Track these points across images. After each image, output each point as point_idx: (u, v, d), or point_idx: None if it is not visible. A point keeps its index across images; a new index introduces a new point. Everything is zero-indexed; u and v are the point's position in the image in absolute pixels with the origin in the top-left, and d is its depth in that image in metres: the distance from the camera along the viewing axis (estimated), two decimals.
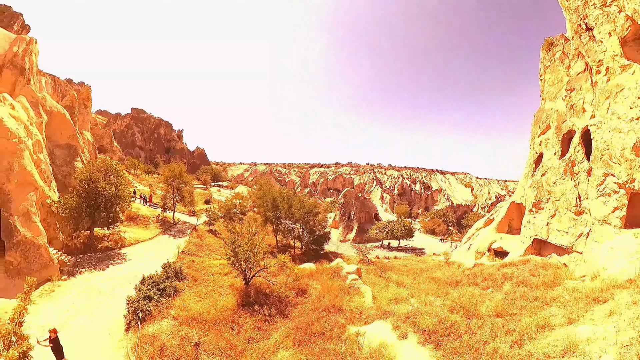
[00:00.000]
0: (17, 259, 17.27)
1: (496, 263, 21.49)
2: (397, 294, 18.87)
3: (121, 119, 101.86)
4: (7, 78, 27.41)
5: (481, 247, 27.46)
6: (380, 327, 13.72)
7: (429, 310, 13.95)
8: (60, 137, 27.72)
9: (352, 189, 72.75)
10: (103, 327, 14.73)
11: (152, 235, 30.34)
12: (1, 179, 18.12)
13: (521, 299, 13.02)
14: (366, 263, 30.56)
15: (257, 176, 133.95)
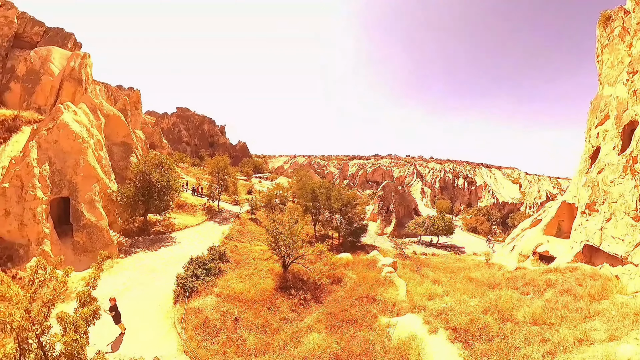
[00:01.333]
0: (83, 239, 20.13)
1: (540, 268, 20.30)
2: (432, 291, 18.76)
3: (168, 118, 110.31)
4: (68, 89, 31.93)
5: (525, 249, 25.71)
6: (411, 320, 13.82)
7: (463, 309, 13.75)
8: (116, 136, 30.93)
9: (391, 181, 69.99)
10: (154, 299, 16.55)
11: (198, 222, 32.59)
12: (70, 173, 21.07)
13: (562, 308, 12.42)
14: (403, 258, 30.29)
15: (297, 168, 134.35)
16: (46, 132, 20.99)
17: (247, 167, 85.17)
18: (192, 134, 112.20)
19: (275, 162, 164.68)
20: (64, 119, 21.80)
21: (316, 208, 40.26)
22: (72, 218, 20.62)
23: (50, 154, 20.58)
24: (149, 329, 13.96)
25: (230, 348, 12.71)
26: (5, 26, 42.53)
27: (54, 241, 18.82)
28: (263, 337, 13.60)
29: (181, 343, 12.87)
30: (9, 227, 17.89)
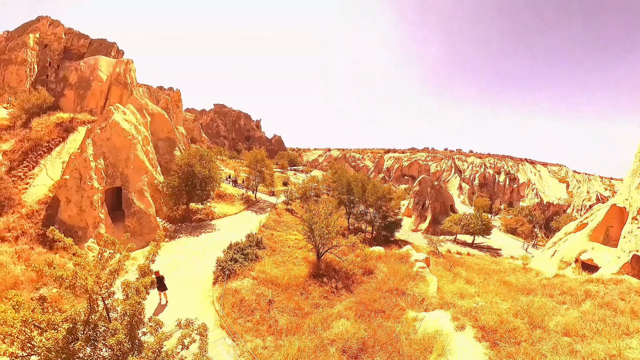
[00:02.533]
0: (133, 224, 22.50)
1: (581, 277, 19.33)
2: (463, 290, 18.62)
3: (206, 114, 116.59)
4: (116, 92, 35.61)
5: (567, 256, 24.28)
6: (439, 316, 13.91)
7: (493, 310, 13.62)
8: (161, 132, 33.52)
9: (427, 176, 66.97)
10: (195, 279, 18.08)
11: (237, 211, 34.29)
12: (122, 166, 23.52)
13: (599, 321, 11.96)
14: (436, 255, 29.96)
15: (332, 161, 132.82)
16: (100, 130, 23.47)
17: (282, 160, 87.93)
18: (229, 128, 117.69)
19: (310, 155, 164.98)
20: (115, 119, 24.26)
21: (350, 201, 40.26)
22: (124, 205, 23.10)
23: (104, 149, 23.05)
24: (190, 305, 15.36)
25: (263, 326, 13.83)
26: (55, 42, 50.08)
27: (108, 225, 21.28)
28: (294, 319, 14.55)
29: (218, 319, 14.18)
30: (70, 212, 20.41)
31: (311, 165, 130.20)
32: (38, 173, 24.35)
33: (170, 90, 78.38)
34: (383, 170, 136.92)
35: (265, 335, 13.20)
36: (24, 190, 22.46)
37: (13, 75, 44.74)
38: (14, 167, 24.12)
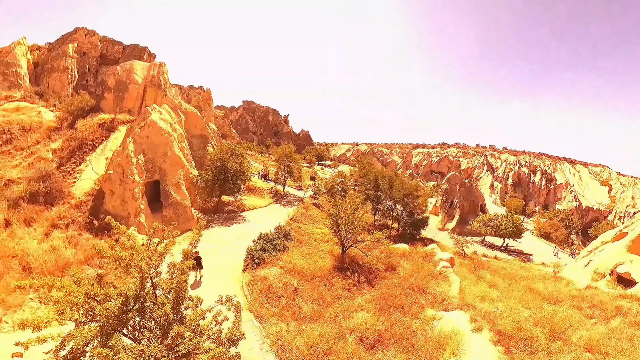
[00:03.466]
0: (170, 214, 24.26)
1: (615, 292, 18.40)
2: (486, 293, 18.44)
3: (235, 111, 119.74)
4: (151, 93, 38.33)
5: (602, 267, 22.70)
6: (457, 316, 14.01)
7: (512, 316, 13.47)
8: (194, 129, 35.45)
9: (457, 173, 63.79)
10: (226, 266, 19.32)
11: (266, 204, 35.51)
12: (159, 161, 25.33)
13: (626, 340, 11.53)
14: (462, 256, 29.50)
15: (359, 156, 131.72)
16: (139, 129, 25.43)
17: (310, 155, 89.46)
18: (257, 124, 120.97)
19: (338, 150, 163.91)
20: (153, 118, 26.11)
21: (377, 197, 40.00)
22: (162, 197, 25.00)
23: (143, 146, 24.94)
24: (220, 289, 16.35)
25: (288, 312, 14.71)
26: (92, 50, 56.46)
27: (147, 215, 23.16)
28: (317, 308, 15.32)
29: (247, 303, 15.24)
30: (114, 203, 22.53)
31: (339, 160, 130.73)
32: (84, 168, 26.90)
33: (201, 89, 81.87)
34: (411, 166, 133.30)
35: (289, 321, 14.07)
36: (73, 184, 25.00)
37: (56, 81, 50.65)
38: (63, 164, 26.89)
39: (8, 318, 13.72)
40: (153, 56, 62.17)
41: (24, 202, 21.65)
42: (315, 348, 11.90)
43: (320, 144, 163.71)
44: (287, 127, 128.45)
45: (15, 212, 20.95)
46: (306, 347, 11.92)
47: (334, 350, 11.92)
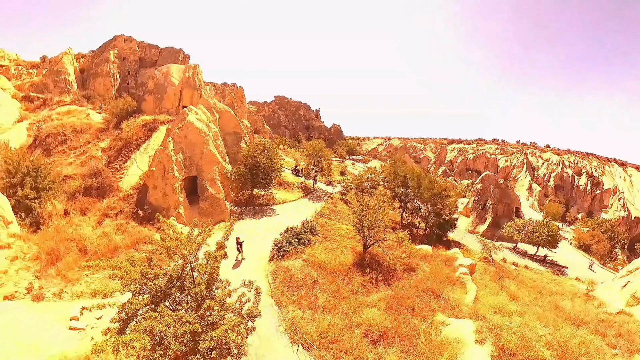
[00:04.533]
0: (206, 207, 27.12)
1: None
2: (503, 305, 18.24)
3: (268, 106, 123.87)
4: (187, 94, 41.85)
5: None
6: (464, 325, 14.35)
7: (523, 333, 13.32)
8: (228, 127, 38.22)
9: (493, 173, 60.50)
10: (255, 255, 21.41)
11: (295, 198, 37.36)
12: (197, 158, 28.19)
13: None
14: (488, 262, 29.20)
15: (391, 151, 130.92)
16: (178, 130, 28.38)
17: (341, 150, 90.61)
18: (289, 118, 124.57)
19: (370, 145, 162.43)
20: (190, 119, 28.91)
21: (406, 195, 39.91)
22: (198, 191, 27.95)
23: (182, 145, 27.86)
24: (248, 275, 18.24)
25: (305, 301, 16.46)
26: (131, 54, 63.20)
27: (185, 207, 26.27)
28: (332, 300, 16.87)
29: (269, 289, 17.25)
30: (156, 196, 25.76)
31: (370, 155, 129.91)
32: (130, 165, 30.75)
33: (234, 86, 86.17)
34: (445, 162, 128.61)
35: (305, 309, 15.81)
36: (120, 179, 28.92)
37: (101, 85, 57.73)
38: (112, 161, 31.14)
39: (68, 289, 16.93)
40: (187, 57, 67.43)
41: (79, 195, 25.82)
42: (324, 335, 13.51)
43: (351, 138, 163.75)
44: (318, 121, 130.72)
45: (72, 203, 25.02)
46: (316, 333, 13.58)
47: (339, 339, 13.43)
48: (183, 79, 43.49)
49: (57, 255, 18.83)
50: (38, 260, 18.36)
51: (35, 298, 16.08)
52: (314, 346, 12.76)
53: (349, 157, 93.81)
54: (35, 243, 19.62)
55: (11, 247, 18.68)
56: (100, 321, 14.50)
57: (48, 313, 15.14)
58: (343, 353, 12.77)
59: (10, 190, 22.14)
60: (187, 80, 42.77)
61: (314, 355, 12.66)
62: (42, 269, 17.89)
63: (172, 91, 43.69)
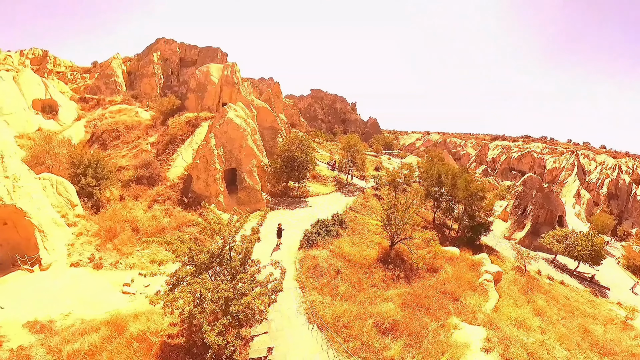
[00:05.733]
0: (244, 196, 30.00)
1: None
2: (524, 320, 17.84)
3: (304, 99, 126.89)
4: (226, 91, 44.71)
5: None
6: (475, 332, 14.55)
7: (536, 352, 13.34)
8: (265, 122, 40.97)
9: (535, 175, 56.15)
10: (286, 243, 23.54)
11: (328, 191, 39.18)
12: (236, 152, 30.99)
13: None
14: (520, 273, 28.27)
15: (430, 146, 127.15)
16: (219, 126, 31.39)
17: (376, 144, 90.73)
18: (325, 112, 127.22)
19: (407, 139, 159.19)
20: (229, 116, 31.74)
21: (439, 194, 39.02)
22: (237, 182, 30.95)
23: (222, 140, 30.86)
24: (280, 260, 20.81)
25: (326, 288, 18.18)
26: (172, 55, 70.55)
27: (225, 196, 29.37)
28: (352, 290, 18.37)
29: (296, 275, 19.35)
30: (199, 185, 29.05)
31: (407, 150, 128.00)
32: (176, 158, 34.46)
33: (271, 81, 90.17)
34: (487, 160, 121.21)
35: (325, 295, 17.53)
36: (167, 170, 32.64)
37: (147, 85, 65.16)
38: (160, 154, 35.13)
39: (122, 261, 20.48)
40: (225, 55, 73.47)
41: (132, 183, 29.69)
42: (338, 320, 15.13)
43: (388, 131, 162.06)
44: (354, 114, 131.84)
45: (126, 190, 28.94)
46: (331, 317, 15.24)
47: (351, 325, 14.92)
48: (222, 77, 46.56)
49: (114, 233, 22.51)
50: (98, 237, 22.14)
51: (95, 266, 19.76)
52: (327, 328, 14.39)
53: (385, 151, 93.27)
54: (96, 222, 23.53)
55: (77, 225, 22.67)
56: (147, 289, 17.72)
57: (105, 279, 18.74)
58: (352, 338, 14.17)
59: (75, 179, 26.30)
60: (225, 78, 45.78)
61: (326, 335, 14.26)
62: (102, 244, 21.63)
63: (212, 89, 47.24)
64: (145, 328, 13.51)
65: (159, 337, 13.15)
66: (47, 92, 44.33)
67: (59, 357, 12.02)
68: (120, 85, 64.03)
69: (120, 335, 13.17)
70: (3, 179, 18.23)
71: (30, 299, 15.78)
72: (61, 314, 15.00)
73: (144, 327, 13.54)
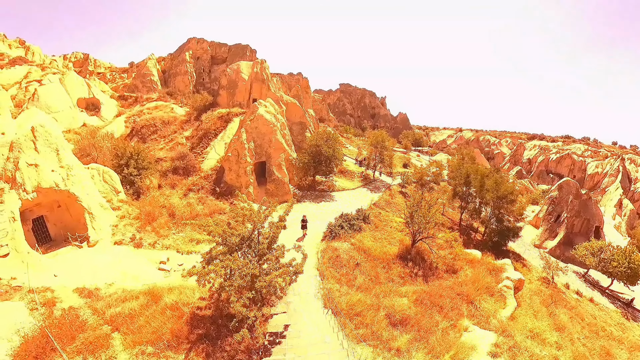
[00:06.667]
0: (272, 188, 32.18)
1: None
2: (541, 332, 17.31)
3: (333, 94, 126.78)
4: (256, 87, 47.28)
5: None
6: (485, 336, 14.68)
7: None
8: (294, 117, 43.07)
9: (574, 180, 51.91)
10: (310, 234, 25.28)
11: (354, 187, 40.37)
12: (265, 146, 33.15)
13: None
14: (546, 284, 27.03)
15: (462, 144, 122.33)
16: (250, 122, 33.53)
17: (406, 140, 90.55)
18: (354, 106, 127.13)
19: (438, 136, 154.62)
20: (259, 112, 33.84)
21: (467, 194, 37.81)
22: (266, 174, 33.22)
23: (253, 135, 33.11)
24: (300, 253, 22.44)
25: (344, 279, 19.50)
26: (204, 54, 74.69)
27: (254, 187, 31.73)
28: (368, 283, 19.51)
29: (317, 264, 20.98)
30: (231, 177, 31.59)
31: (437, 147, 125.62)
32: (209, 151, 37.32)
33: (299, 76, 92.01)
34: (522, 161, 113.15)
35: (343, 284, 18.85)
36: (201, 162, 35.53)
37: (180, 83, 69.82)
38: (194, 147, 38.18)
39: (159, 242, 23.12)
40: (254, 52, 76.80)
41: (169, 173, 32.80)
42: (352, 308, 16.30)
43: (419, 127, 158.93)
44: (384, 109, 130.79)
45: (164, 179, 32.05)
46: (346, 305, 16.46)
47: (364, 314, 16.01)
48: (252, 74, 49.22)
49: (153, 217, 25.25)
50: (139, 220, 24.93)
51: (135, 245, 22.53)
52: (341, 314, 15.60)
53: (415, 148, 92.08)
54: (137, 207, 26.44)
55: (120, 209, 25.68)
56: (181, 268, 20.21)
57: (144, 257, 21.44)
58: (363, 326, 15.25)
59: (118, 169, 29.58)
60: (255, 75, 48.36)
61: (339, 321, 15.48)
62: (141, 226, 24.37)
63: (242, 86, 49.89)
64: (178, 299, 15.55)
65: (189, 307, 15.12)
66: (89, 92, 49.86)
67: (103, 317, 14.14)
68: (155, 83, 69.75)
69: (156, 303, 15.26)
70: (58, 168, 21.04)
71: (79, 269, 18.48)
72: (105, 283, 17.41)
73: (177, 299, 15.59)
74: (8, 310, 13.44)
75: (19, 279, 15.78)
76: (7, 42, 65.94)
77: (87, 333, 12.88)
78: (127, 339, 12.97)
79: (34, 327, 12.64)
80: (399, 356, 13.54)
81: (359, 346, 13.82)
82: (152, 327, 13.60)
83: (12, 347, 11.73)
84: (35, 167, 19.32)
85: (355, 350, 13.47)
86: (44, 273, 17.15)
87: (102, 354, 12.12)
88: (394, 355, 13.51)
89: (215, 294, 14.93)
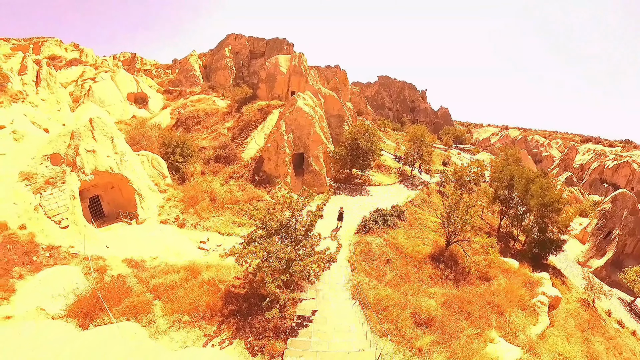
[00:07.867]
0: (309, 179, 33.35)
1: None
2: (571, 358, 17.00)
3: (371, 87, 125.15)
4: (294, 80, 48.98)
5: None
6: (511, 350, 14.56)
7: None
8: (332, 110, 43.64)
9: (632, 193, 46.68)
10: (344, 226, 26.04)
11: (391, 182, 40.45)
12: (304, 138, 34.37)
13: None
14: (586, 307, 25.19)
15: (507, 143, 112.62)
16: (289, 114, 34.84)
17: (446, 136, 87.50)
18: (393, 100, 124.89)
19: (481, 133, 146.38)
20: (298, 105, 35.02)
21: (509, 199, 35.39)
22: (304, 165, 34.48)
23: (292, 127, 34.37)
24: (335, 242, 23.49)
25: (374, 273, 20.01)
26: (243, 49, 78.84)
27: (292, 177, 33.00)
28: (398, 280, 19.79)
29: (349, 256, 21.67)
30: (270, 166, 33.30)
31: (480, 145, 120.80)
32: (249, 141, 39.48)
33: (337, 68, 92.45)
34: (573, 166, 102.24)
35: (372, 278, 19.39)
36: (242, 151, 37.71)
37: (221, 77, 74.20)
38: (235, 137, 40.58)
39: (201, 224, 25.14)
40: (291, 45, 79.99)
41: (212, 161, 35.32)
42: (379, 302, 16.82)
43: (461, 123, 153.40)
44: (424, 103, 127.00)
45: (207, 166, 34.59)
46: (373, 298, 17.03)
47: (390, 309, 16.43)
48: (290, 67, 50.99)
49: (196, 201, 27.41)
50: (183, 202, 27.18)
51: (179, 225, 24.71)
52: (368, 306, 16.14)
53: (455, 145, 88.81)
54: (181, 191, 28.86)
55: (166, 192, 28.17)
56: (219, 248, 22.10)
57: (186, 236, 23.52)
58: (388, 321, 15.66)
59: (165, 156, 32.27)
60: (293, 68, 49.96)
61: (365, 313, 15.96)
62: (185, 208, 26.58)
63: (281, 79, 51.85)
64: (215, 276, 17.02)
65: (224, 285, 16.50)
66: (138, 87, 56.07)
67: (147, 286, 15.88)
68: (198, 78, 75.08)
69: (195, 278, 16.82)
70: (113, 154, 23.74)
71: (127, 243, 20.81)
72: (150, 257, 19.36)
73: (214, 276, 17.08)
74: (66, 272, 15.66)
75: (76, 247, 18.20)
76: (63, 46, 73.65)
77: (131, 298, 14.77)
78: (167, 307, 14.58)
79: (87, 288, 14.77)
80: (420, 356, 13.80)
81: (382, 340, 14.33)
82: (189, 298, 15.09)
83: (67, 303, 13.79)
84: (93, 152, 22.18)
85: (378, 343, 13.99)
86: (98, 244, 19.51)
87: (143, 317, 13.90)
88: (414, 354, 13.86)
89: (249, 275, 16.11)
